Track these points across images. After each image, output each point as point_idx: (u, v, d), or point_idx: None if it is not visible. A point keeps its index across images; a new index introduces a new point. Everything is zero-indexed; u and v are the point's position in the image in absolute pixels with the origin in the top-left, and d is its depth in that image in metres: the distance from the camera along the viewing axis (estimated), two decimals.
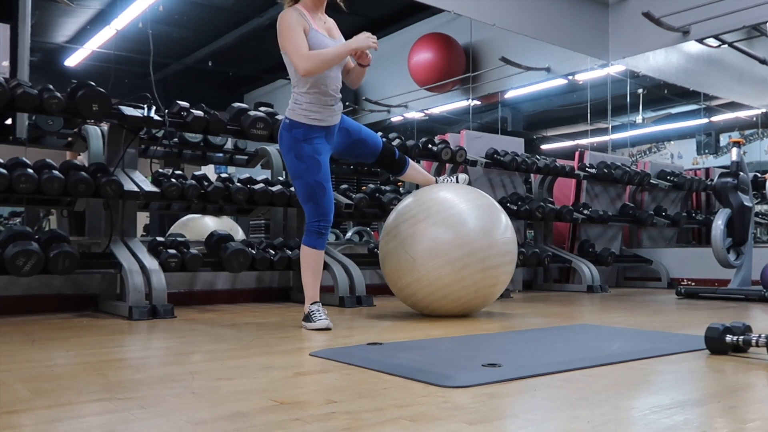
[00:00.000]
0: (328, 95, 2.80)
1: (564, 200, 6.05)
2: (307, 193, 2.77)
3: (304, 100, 2.78)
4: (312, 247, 2.76)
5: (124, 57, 6.45)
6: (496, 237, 3.11)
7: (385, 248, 3.24)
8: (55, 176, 3.15)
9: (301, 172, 2.77)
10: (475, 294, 3.10)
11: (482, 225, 3.09)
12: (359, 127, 3.07)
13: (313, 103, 2.78)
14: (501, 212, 3.26)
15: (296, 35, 2.68)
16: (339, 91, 2.86)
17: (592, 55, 6.86)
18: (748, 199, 4.70)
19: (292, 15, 2.72)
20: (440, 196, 3.18)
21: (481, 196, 3.26)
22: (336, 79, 2.84)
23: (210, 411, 1.33)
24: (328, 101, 2.81)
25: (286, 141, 2.80)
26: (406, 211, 3.19)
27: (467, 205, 3.12)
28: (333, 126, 2.87)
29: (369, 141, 3.08)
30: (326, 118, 2.82)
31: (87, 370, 1.78)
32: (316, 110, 2.79)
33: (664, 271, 6.08)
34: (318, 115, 2.79)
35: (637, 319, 3.41)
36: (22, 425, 1.24)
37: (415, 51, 7.97)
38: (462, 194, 3.19)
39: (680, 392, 1.59)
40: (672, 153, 10.53)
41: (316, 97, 2.78)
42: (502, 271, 3.16)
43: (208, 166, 6.61)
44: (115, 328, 2.80)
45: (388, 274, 3.25)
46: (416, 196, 3.26)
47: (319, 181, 2.76)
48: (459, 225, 3.05)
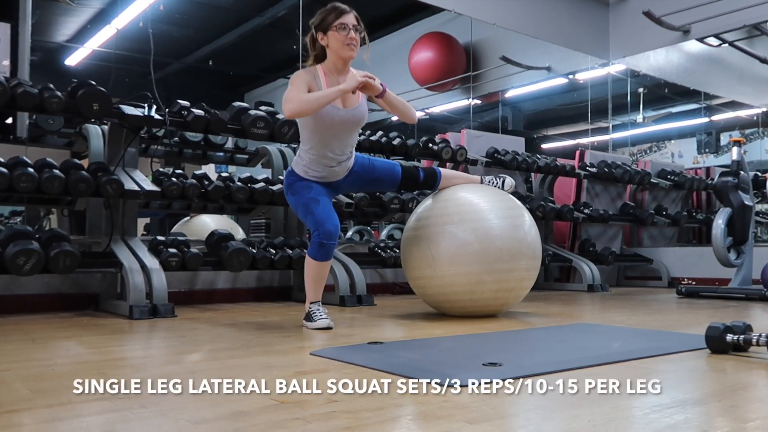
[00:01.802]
0: (329, 159, 2.79)
1: (564, 199, 6.04)
2: (304, 211, 2.79)
3: (306, 157, 2.80)
4: (312, 258, 2.75)
5: (125, 56, 6.45)
6: (520, 262, 3.03)
7: (411, 232, 3.18)
8: (55, 175, 3.15)
9: (295, 201, 2.83)
10: (481, 309, 3.10)
11: (510, 247, 3.00)
12: (371, 166, 3.00)
13: (314, 163, 2.79)
14: (535, 236, 3.14)
15: (295, 88, 2.64)
16: (348, 153, 2.85)
17: (593, 54, 6.86)
18: (748, 198, 4.70)
19: (301, 74, 2.71)
20: (479, 203, 3.07)
21: (520, 215, 3.12)
22: (344, 144, 2.81)
23: (211, 410, 1.33)
24: (330, 163, 2.80)
25: (285, 185, 2.89)
26: (444, 206, 3.10)
27: (502, 222, 3.02)
28: (337, 180, 2.88)
29: (384, 177, 3.04)
30: (328, 176, 2.83)
31: (87, 370, 1.78)
32: (317, 169, 2.80)
33: (664, 271, 6.07)
34: (318, 174, 2.81)
35: (637, 318, 3.41)
36: (22, 424, 1.24)
37: (415, 50, 7.97)
38: (502, 207, 3.08)
39: (681, 391, 1.59)
40: (672, 152, 10.52)
41: (317, 159, 2.78)
42: (515, 294, 3.14)
43: (209, 166, 6.60)
44: (115, 327, 2.80)
45: (406, 260, 3.22)
46: (457, 194, 3.14)
47: (312, 197, 2.76)
48: (488, 240, 2.97)
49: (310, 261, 2.76)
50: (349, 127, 2.79)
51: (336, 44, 2.71)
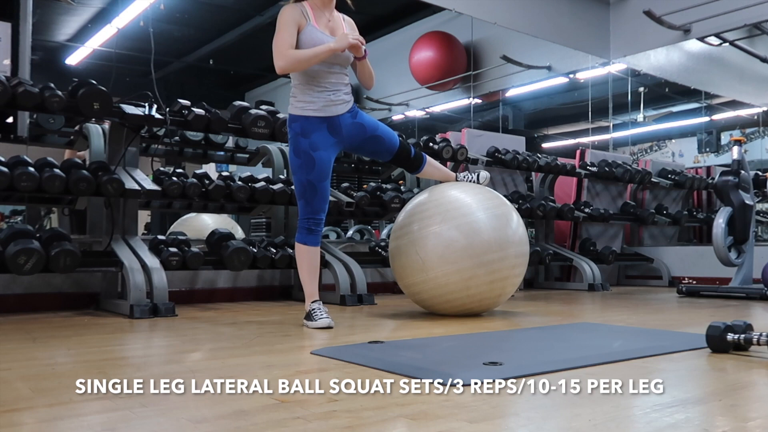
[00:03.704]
0: (320, 86, 2.76)
1: (565, 198, 6.04)
2: (299, 191, 2.78)
3: (297, 91, 2.78)
4: (303, 244, 2.75)
5: (126, 55, 6.46)
6: (508, 250, 3.04)
7: (396, 242, 3.19)
8: (56, 174, 3.15)
9: (296, 168, 2.77)
10: (479, 303, 3.09)
11: (497, 237, 3.01)
12: (376, 124, 2.99)
13: (306, 93, 2.76)
14: (519, 223, 3.16)
15: (284, 32, 2.66)
16: (341, 86, 2.83)
17: (593, 54, 6.85)
18: (749, 197, 4.70)
19: (288, 11, 2.71)
20: (459, 199, 3.08)
21: (501, 204, 3.15)
22: (328, 74, 2.78)
23: (211, 409, 1.33)
24: (322, 91, 2.77)
25: (289, 136, 2.81)
26: (423, 210, 3.11)
27: (485, 214, 3.04)
28: (336, 117, 2.80)
29: (385, 138, 3.01)
30: (323, 108, 2.77)
31: (88, 369, 1.78)
32: (310, 100, 2.75)
33: (665, 270, 6.07)
34: (312, 105, 2.75)
35: (638, 317, 3.41)
36: (23, 423, 1.24)
37: (416, 49, 7.96)
38: (482, 200, 3.09)
39: (681, 390, 1.59)
40: (673, 151, 10.53)
41: (307, 86, 2.76)
42: (509, 282, 3.13)
43: (209, 165, 6.61)
44: (116, 326, 2.80)
45: (396, 270, 3.22)
46: (433, 194, 3.17)
47: (311, 181, 2.74)
48: (474, 234, 2.98)
49: (300, 247, 2.76)
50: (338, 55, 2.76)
51: None
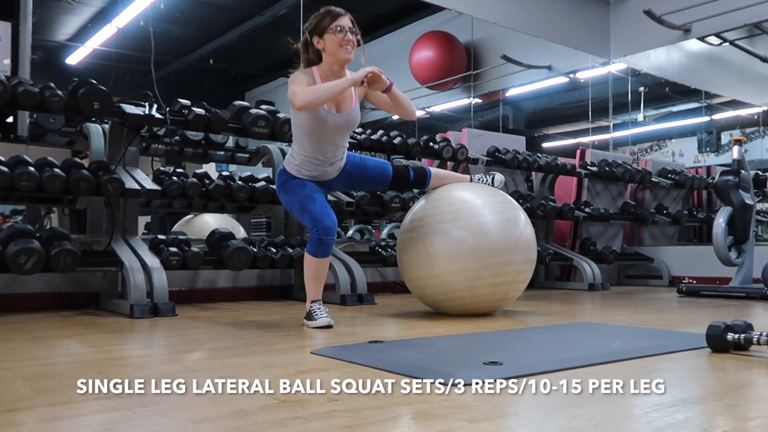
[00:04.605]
0: (321, 160, 2.80)
1: (565, 198, 6.04)
2: (300, 209, 2.80)
3: (299, 158, 2.81)
4: (312, 255, 2.75)
5: (126, 55, 6.44)
6: (516, 255, 3.05)
7: (405, 235, 3.19)
8: (56, 174, 3.15)
9: (289, 199, 2.84)
10: (482, 305, 3.10)
11: (505, 241, 3.02)
12: (363, 165, 3.02)
13: (307, 163, 2.81)
14: (528, 228, 3.17)
15: (299, 84, 2.64)
16: (339, 154, 2.86)
17: (594, 53, 6.85)
18: (749, 197, 4.70)
19: (300, 74, 2.71)
20: (471, 200, 3.10)
21: (513, 209, 3.17)
22: (337, 147, 2.82)
23: (211, 409, 1.33)
24: (323, 164, 2.82)
25: (277, 184, 2.89)
26: (437, 206, 3.12)
27: (496, 217, 3.05)
28: (329, 179, 2.90)
29: (376, 176, 3.05)
30: (320, 175, 2.85)
31: (88, 369, 1.78)
32: (310, 169, 2.82)
33: (665, 269, 6.07)
34: (311, 173, 2.83)
35: (638, 317, 3.41)
36: (23, 423, 1.24)
37: (416, 49, 7.96)
38: (494, 203, 3.11)
39: (682, 390, 1.59)
40: (673, 151, 10.53)
41: (309, 159, 2.80)
42: (514, 287, 3.14)
43: (210, 164, 6.60)
44: (116, 326, 2.80)
45: (403, 263, 3.23)
46: (447, 193, 3.17)
47: (307, 194, 2.77)
48: (482, 236, 2.99)
49: (310, 258, 2.76)
50: (341, 131, 2.80)
51: (333, 47, 2.70)
